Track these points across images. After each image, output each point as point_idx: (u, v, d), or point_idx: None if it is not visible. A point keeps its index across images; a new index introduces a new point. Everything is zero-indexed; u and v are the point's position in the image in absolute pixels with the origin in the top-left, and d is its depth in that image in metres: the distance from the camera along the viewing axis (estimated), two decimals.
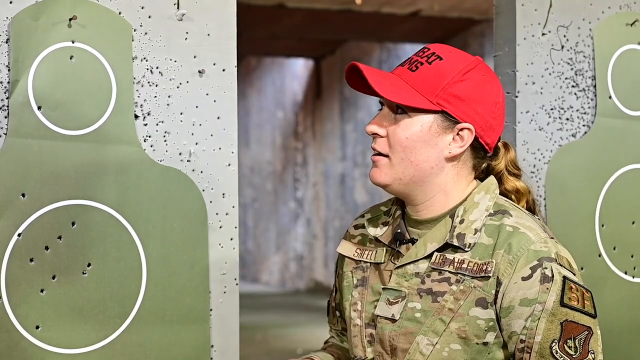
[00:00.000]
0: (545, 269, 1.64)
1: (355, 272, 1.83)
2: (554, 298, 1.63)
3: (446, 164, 1.72)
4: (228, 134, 2.05)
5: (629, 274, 2.41)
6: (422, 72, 1.71)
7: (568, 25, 2.37)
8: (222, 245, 2.05)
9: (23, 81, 1.86)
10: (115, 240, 1.93)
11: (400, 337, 1.71)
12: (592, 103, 2.40)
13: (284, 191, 13.62)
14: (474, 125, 1.71)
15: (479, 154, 1.75)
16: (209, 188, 2.03)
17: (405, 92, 1.70)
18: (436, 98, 1.69)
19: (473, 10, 8.68)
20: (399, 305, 1.72)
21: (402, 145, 1.71)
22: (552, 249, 1.68)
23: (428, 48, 1.75)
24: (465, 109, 1.70)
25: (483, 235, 1.70)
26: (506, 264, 1.66)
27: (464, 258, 1.69)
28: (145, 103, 1.98)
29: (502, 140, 1.81)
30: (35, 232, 1.86)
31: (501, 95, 1.75)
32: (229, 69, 2.05)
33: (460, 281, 1.68)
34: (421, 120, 1.70)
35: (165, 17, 2.00)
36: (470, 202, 1.73)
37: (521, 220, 1.71)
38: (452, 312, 1.68)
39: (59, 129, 1.89)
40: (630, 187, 2.42)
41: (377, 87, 1.69)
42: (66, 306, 1.88)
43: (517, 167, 1.82)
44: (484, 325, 1.67)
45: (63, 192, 1.89)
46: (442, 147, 1.71)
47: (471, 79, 1.71)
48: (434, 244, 1.72)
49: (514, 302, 1.65)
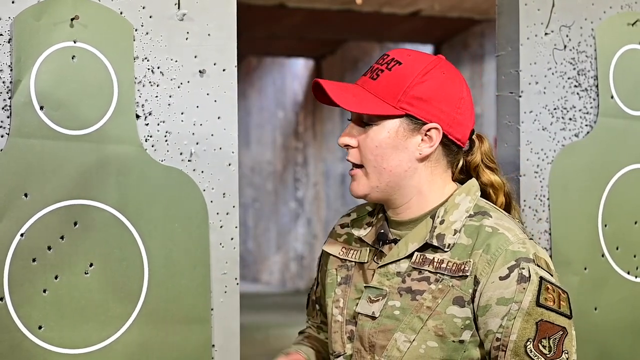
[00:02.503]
0: (523, 269, 1.67)
1: (340, 270, 1.86)
2: (530, 298, 1.65)
3: (419, 164, 1.75)
4: (228, 134, 2.05)
5: (631, 274, 2.40)
6: (383, 79, 1.74)
7: (570, 25, 2.37)
8: (223, 245, 2.05)
9: (25, 81, 1.86)
10: (117, 240, 1.92)
11: (379, 334, 1.74)
12: (595, 103, 2.40)
13: (285, 191, 13.62)
14: (441, 123, 1.73)
15: (451, 150, 1.78)
16: (210, 188, 2.03)
17: (367, 102, 1.73)
18: (399, 103, 1.72)
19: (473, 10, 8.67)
20: (380, 303, 1.75)
21: (373, 154, 1.74)
22: (530, 249, 1.70)
23: (387, 55, 1.78)
24: (429, 109, 1.73)
25: (462, 236, 1.73)
26: (484, 264, 1.69)
27: (443, 258, 1.72)
28: (146, 103, 1.98)
29: (477, 133, 1.83)
30: (37, 232, 1.86)
31: (465, 90, 1.77)
32: (230, 69, 2.05)
33: (439, 280, 1.71)
34: (388, 127, 1.73)
35: (166, 17, 2.00)
36: (451, 203, 1.76)
37: (500, 221, 1.74)
38: (430, 310, 1.70)
39: (61, 129, 1.89)
40: (633, 187, 2.41)
41: (338, 100, 1.73)
42: (68, 306, 1.88)
43: (492, 160, 1.84)
44: (461, 324, 1.69)
45: (65, 192, 1.88)
46: (412, 149, 1.74)
47: (432, 78, 1.73)
48: (414, 243, 1.75)
49: (491, 301, 1.67)
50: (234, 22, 2.06)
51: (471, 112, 1.79)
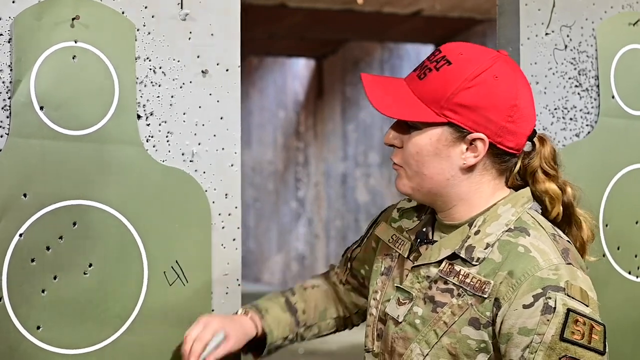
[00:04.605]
0: (549, 298, 1.55)
1: (385, 260, 1.79)
2: (552, 332, 1.53)
3: (463, 174, 1.65)
4: (231, 134, 2.04)
5: (632, 274, 2.40)
6: (429, 81, 1.64)
7: (571, 25, 2.36)
8: (225, 245, 2.04)
9: (25, 81, 1.85)
10: (116, 241, 1.92)
11: (399, 340, 1.69)
12: (596, 103, 2.39)
13: (286, 191, 13.61)
14: (487, 133, 1.62)
15: (502, 158, 1.67)
16: (212, 188, 2.03)
17: (408, 106, 1.64)
18: (441, 109, 1.62)
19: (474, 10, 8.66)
20: (405, 307, 1.69)
21: (413, 159, 1.65)
22: (562, 277, 1.57)
23: (440, 50, 1.66)
24: (474, 117, 1.61)
25: (495, 251, 1.62)
26: (508, 288, 1.58)
27: (469, 272, 1.62)
28: (148, 103, 1.97)
29: (539, 135, 1.71)
30: (36, 232, 1.85)
31: (520, 95, 1.65)
32: (233, 69, 2.04)
33: (461, 295, 1.62)
34: (430, 134, 1.64)
35: (169, 17, 1.99)
36: (492, 213, 1.66)
37: (536, 241, 1.62)
38: (446, 326, 1.63)
39: (61, 129, 1.88)
40: (634, 187, 2.41)
41: (376, 103, 1.64)
42: (67, 307, 1.88)
43: (552, 166, 1.71)
44: (475, 346, 1.61)
45: (64, 192, 1.88)
46: (455, 158, 1.64)
47: (481, 83, 1.61)
48: (447, 250, 1.66)
49: (512, 329, 1.56)
50: (238, 22, 2.04)
51: (527, 118, 1.65)
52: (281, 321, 1.95)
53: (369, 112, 11.06)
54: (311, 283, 2.04)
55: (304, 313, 1.97)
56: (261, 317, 1.93)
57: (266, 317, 1.93)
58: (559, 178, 1.72)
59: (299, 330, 1.97)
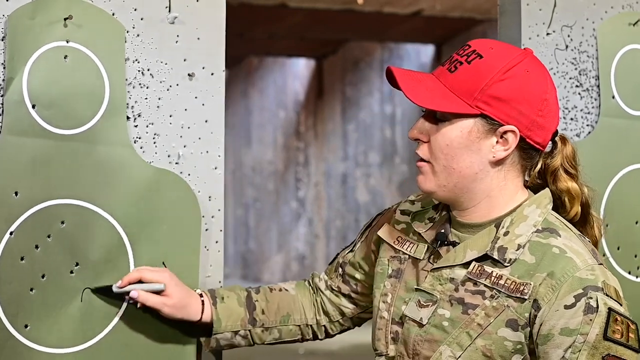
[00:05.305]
0: (590, 298, 1.55)
1: (392, 262, 1.77)
2: (597, 331, 1.54)
3: (492, 168, 1.64)
4: (215, 138, 2.04)
5: (632, 274, 2.39)
6: (460, 73, 1.63)
7: (572, 25, 2.36)
8: (208, 248, 2.03)
9: (18, 79, 1.85)
10: (104, 241, 1.90)
11: (424, 343, 1.66)
12: (596, 103, 2.38)
13: (286, 191, 13.61)
14: (519, 126, 1.62)
15: (529, 154, 1.67)
16: (196, 191, 2.02)
17: (441, 97, 1.62)
18: (474, 101, 1.61)
19: (475, 10, 8.66)
20: (429, 309, 1.66)
21: (443, 153, 1.64)
22: (599, 277, 1.58)
23: (469, 45, 1.66)
24: (507, 110, 1.61)
25: (526, 253, 1.62)
26: (548, 289, 1.57)
27: (502, 273, 1.61)
28: (136, 104, 1.97)
29: (560, 134, 1.72)
30: (26, 230, 1.84)
31: (549, 89, 1.65)
32: (218, 73, 2.04)
33: (495, 297, 1.61)
34: (461, 125, 1.62)
35: (157, 20, 1.99)
36: (519, 214, 1.65)
37: (569, 242, 1.62)
38: (481, 328, 1.61)
39: (52, 128, 1.87)
40: (634, 187, 2.40)
41: (409, 93, 1.62)
42: (54, 305, 1.87)
43: (573, 166, 1.72)
44: (511, 347, 1.59)
45: (53, 191, 1.87)
46: (485, 151, 1.63)
47: (513, 77, 1.61)
48: (474, 251, 1.64)
49: (554, 330, 1.56)
50: (223, 27, 2.05)
51: (555, 114, 1.66)
52: (233, 314, 1.90)
53: (369, 112, 11.06)
54: (280, 286, 2.00)
55: (262, 313, 1.93)
56: (214, 303, 1.90)
57: (219, 305, 1.90)
58: (579, 178, 1.74)
59: (254, 329, 1.92)
